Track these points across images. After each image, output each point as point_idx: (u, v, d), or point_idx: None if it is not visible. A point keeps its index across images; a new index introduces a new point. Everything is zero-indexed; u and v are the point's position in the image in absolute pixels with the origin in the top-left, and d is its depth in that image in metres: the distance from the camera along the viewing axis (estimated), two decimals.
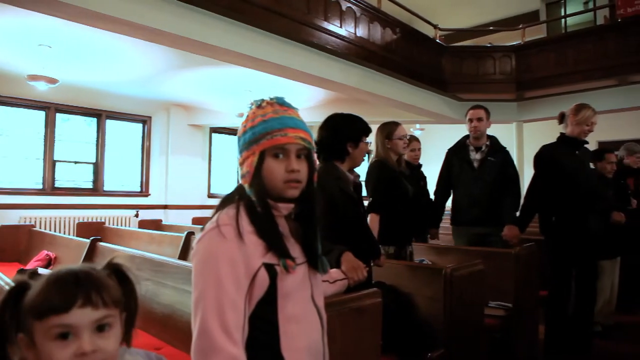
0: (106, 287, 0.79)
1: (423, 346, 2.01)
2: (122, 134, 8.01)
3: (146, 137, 8.28)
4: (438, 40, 7.42)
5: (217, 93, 7.20)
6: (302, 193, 1.05)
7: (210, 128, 8.93)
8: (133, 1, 3.71)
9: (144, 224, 6.11)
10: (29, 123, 6.90)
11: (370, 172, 2.77)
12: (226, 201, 1.05)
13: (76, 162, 7.37)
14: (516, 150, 7.53)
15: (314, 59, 5.30)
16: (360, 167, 2.18)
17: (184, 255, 3.89)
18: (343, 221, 1.93)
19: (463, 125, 3.55)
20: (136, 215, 7.53)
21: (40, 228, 5.76)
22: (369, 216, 2.56)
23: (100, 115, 7.63)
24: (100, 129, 7.66)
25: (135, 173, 8.17)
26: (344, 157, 2.06)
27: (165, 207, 8.07)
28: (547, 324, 3.07)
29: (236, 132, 1.10)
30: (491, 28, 9.44)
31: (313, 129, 1.28)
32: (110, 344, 0.78)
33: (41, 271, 0.85)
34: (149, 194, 8.14)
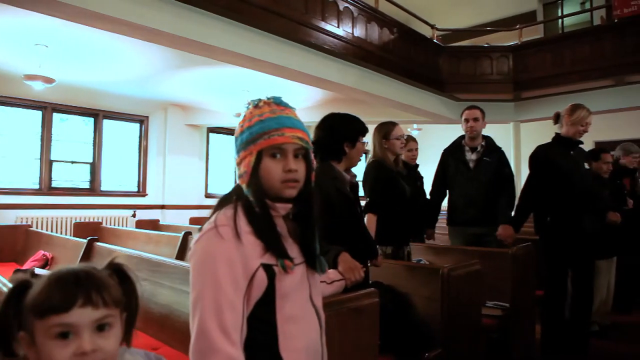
0: (107, 287, 0.79)
1: (420, 346, 2.01)
2: (120, 134, 7.98)
3: (143, 137, 8.25)
4: (435, 40, 7.42)
5: (215, 93, 7.19)
6: (300, 193, 1.05)
7: (207, 128, 8.91)
8: (131, 1, 3.70)
9: (142, 224, 6.10)
10: (26, 123, 6.87)
11: (367, 172, 2.77)
12: (224, 201, 1.05)
13: (73, 162, 7.34)
14: (513, 150, 7.54)
15: (312, 59, 5.30)
16: (357, 167, 2.18)
17: (182, 255, 3.89)
18: (339, 221, 1.92)
19: (460, 125, 3.56)
20: (133, 215, 7.51)
21: (37, 228, 5.74)
22: (367, 216, 2.56)
23: (97, 115, 7.60)
24: (97, 129, 7.63)
25: (132, 173, 8.14)
26: (341, 157, 2.06)
27: (162, 207, 8.06)
28: (543, 324, 3.08)
29: (234, 132, 1.10)
30: (488, 28, 9.45)
31: (310, 129, 1.28)
32: (110, 344, 0.78)
33: (38, 271, 0.85)
34: (146, 194, 8.12)
